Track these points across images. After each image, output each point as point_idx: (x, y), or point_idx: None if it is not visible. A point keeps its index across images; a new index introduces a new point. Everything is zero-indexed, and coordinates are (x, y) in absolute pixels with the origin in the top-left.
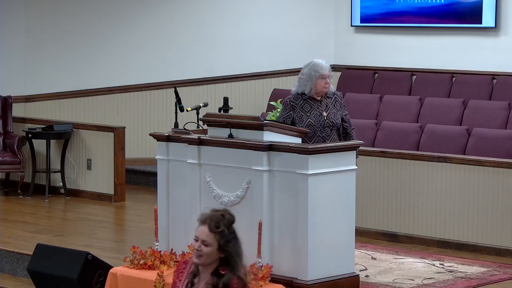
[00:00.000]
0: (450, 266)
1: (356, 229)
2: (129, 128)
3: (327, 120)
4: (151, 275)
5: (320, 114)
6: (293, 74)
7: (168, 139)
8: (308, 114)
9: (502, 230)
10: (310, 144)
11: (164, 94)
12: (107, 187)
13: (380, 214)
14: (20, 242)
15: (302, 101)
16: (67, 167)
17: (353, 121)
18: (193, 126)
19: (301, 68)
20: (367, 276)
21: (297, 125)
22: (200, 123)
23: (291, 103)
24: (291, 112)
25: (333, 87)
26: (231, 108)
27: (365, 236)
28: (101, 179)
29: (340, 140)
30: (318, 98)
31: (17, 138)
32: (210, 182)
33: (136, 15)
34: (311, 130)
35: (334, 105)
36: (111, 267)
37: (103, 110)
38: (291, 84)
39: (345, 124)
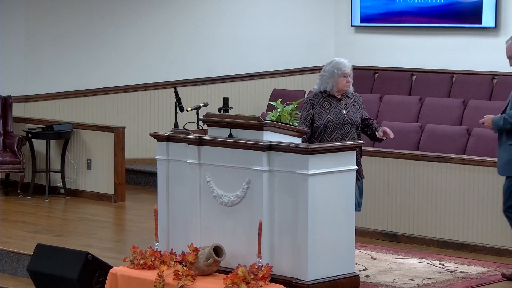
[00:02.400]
0: (450, 266)
1: (356, 229)
2: (129, 128)
3: (346, 118)
4: (151, 275)
5: (340, 112)
6: (293, 74)
7: (168, 139)
8: (328, 111)
9: (502, 230)
10: (310, 144)
11: (164, 94)
12: (107, 187)
13: (380, 214)
14: (20, 242)
15: (322, 99)
16: (67, 167)
17: None
18: (193, 126)
19: (301, 68)
20: (367, 276)
21: (317, 123)
22: (200, 123)
23: (311, 101)
24: (311, 110)
25: (352, 88)
26: (231, 108)
27: (365, 236)
28: (101, 179)
29: (359, 139)
30: (338, 97)
31: (17, 138)
32: (210, 182)
33: (136, 15)
34: (330, 127)
35: (353, 105)
36: (111, 267)
37: (103, 110)
38: (291, 84)
39: (366, 121)
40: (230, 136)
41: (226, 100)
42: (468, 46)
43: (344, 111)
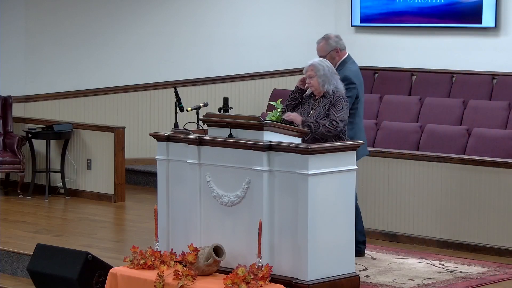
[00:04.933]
0: (450, 266)
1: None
2: (129, 128)
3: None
4: (151, 275)
5: (307, 113)
6: (293, 74)
7: (168, 139)
8: (301, 111)
9: (502, 230)
10: (310, 144)
11: (164, 94)
12: (107, 187)
13: (380, 214)
14: (20, 242)
15: (307, 98)
16: (67, 167)
17: None
18: (193, 126)
19: (301, 68)
20: (367, 276)
21: None
22: (200, 123)
23: (302, 99)
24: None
25: (329, 87)
26: (231, 108)
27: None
28: (101, 179)
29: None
30: (317, 98)
31: (17, 138)
32: (210, 182)
33: (136, 15)
34: (296, 126)
35: (324, 106)
36: (111, 267)
37: (103, 110)
38: (291, 84)
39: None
40: (230, 136)
41: (226, 100)
42: (468, 46)
43: (311, 112)
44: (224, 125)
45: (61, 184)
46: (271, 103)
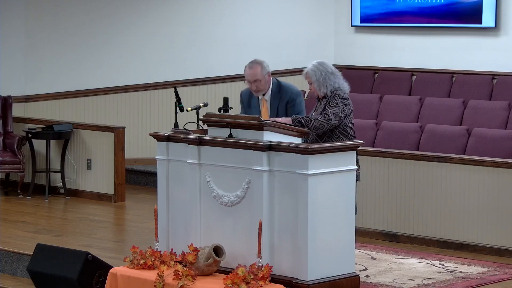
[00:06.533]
0: (450, 266)
1: (356, 229)
2: (129, 128)
3: None
4: (151, 275)
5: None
6: (293, 74)
7: (168, 139)
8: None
9: (502, 230)
10: (310, 144)
11: (164, 94)
12: (107, 187)
13: (380, 214)
14: (20, 242)
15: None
16: (67, 167)
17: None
18: (193, 126)
19: (301, 68)
20: (367, 276)
21: None
22: (200, 123)
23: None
24: None
25: (325, 90)
26: (231, 108)
27: (365, 236)
28: (101, 179)
29: (338, 140)
30: (320, 99)
31: (17, 138)
32: (210, 182)
33: (136, 15)
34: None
35: (324, 106)
36: (111, 267)
37: (103, 110)
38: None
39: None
40: (230, 136)
41: (226, 100)
42: (468, 46)
43: (313, 113)
44: (224, 125)
45: (61, 184)
46: None
